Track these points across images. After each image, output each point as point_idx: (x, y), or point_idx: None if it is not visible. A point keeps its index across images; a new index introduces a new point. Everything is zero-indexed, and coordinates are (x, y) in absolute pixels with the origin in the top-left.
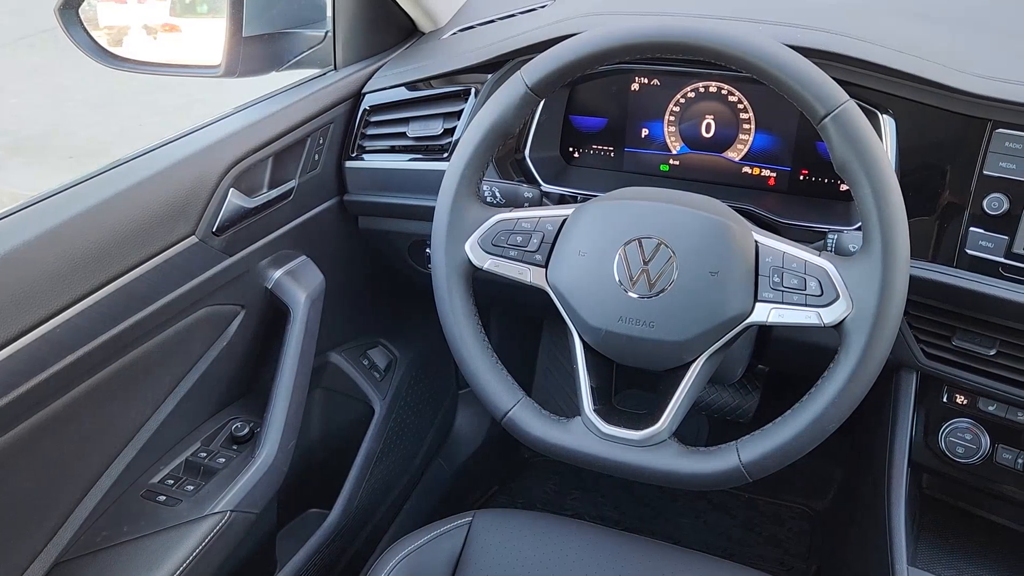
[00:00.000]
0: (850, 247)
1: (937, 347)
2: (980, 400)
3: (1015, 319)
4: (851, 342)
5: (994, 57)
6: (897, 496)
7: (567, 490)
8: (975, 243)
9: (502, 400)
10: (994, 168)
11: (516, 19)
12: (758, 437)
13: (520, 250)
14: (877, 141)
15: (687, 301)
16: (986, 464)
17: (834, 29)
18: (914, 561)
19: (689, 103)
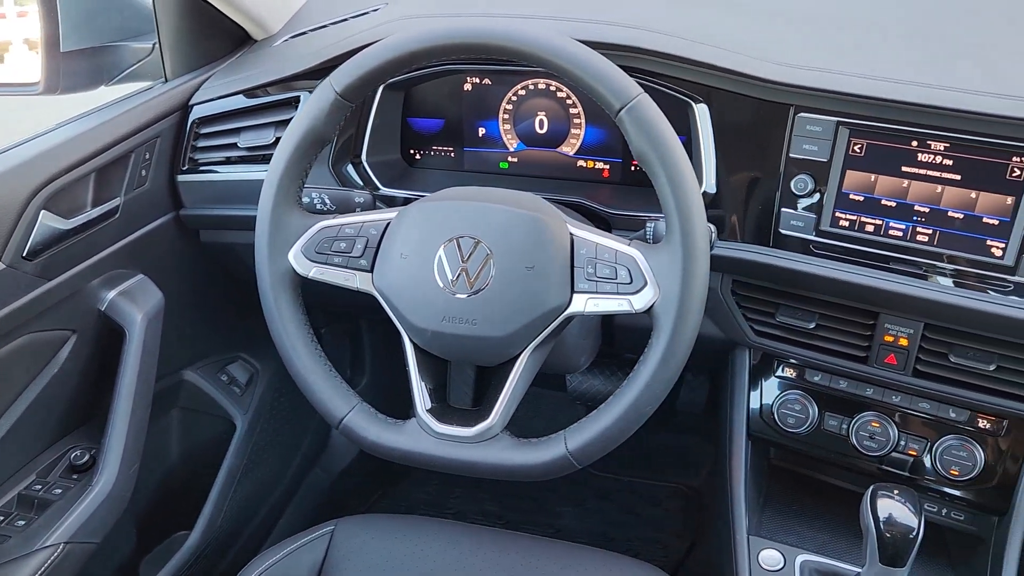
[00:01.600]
0: (664, 234)
1: (764, 324)
2: (807, 372)
3: (829, 293)
4: (660, 326)
5: (797, 45)
6: (737, 469)
7: (449, 490)
8: (787, 223)
9: (336, 407)
10: (798, 150)
11: (348, 23)
12: (583, 425)
13: (345, 256)
14: (671, 132)
15: (506, 297)
16: (816, 432)
17: (639, 24)
18: (758, 530)
19: (521, 101)
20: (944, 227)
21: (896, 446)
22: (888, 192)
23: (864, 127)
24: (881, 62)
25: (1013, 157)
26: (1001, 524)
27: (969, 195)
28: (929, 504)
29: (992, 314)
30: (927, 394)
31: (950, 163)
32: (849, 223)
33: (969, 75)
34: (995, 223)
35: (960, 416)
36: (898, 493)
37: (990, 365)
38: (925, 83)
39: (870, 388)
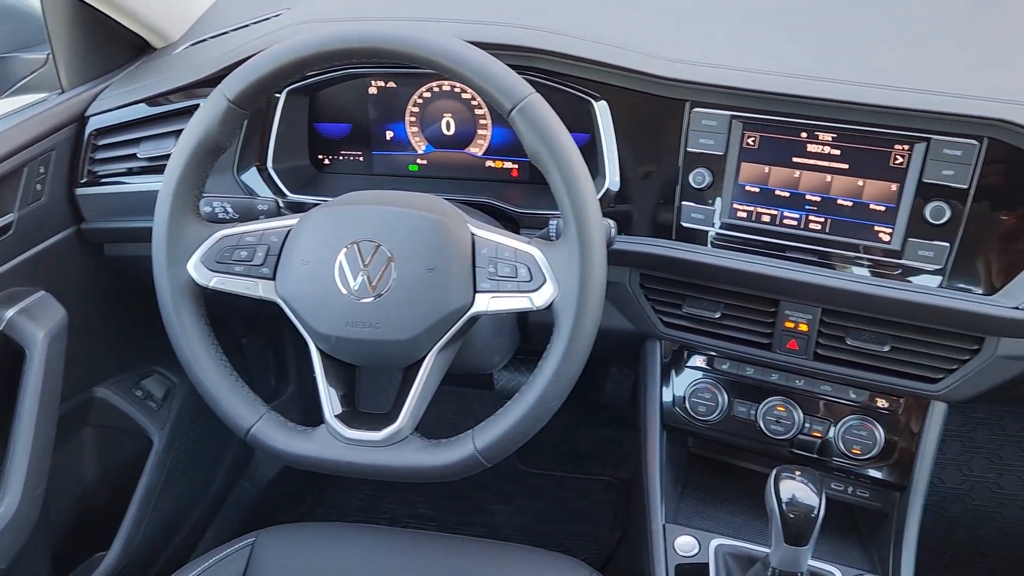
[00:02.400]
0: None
1: (672, 315)
2: (716, 360)
3: (731, 283)
4: (561, 323)
5: (695, 41)
6: (652, 459)
7: (381, 495)
8: (688, 216)
9: (243, 417)
10: (695, 145)
11: (249, 29)
12: (490, 423)
13: (246, 265)
14: (563, 131)
15: (408, 299)
16: (727, 419)
17: (540, 25)
18: (675, 517)
19: (427, 103)
20: (835, 215)
21: (801, 429)
22: (781, 183)
23: (756, 120)
24: (774, 56)
25: (895, 145)
26: (902, 499)
27: (857, 183)
28: (836, 483)
29: (883, 297)
30: (828, 377)
31: (838, 153)
32: (747, 214)
33: (855, 67)
34: (882, 209)
35: (860, 397)
36: (800, 474)
37: (884, 346)
38: (813, 76)
39: (775, 374)
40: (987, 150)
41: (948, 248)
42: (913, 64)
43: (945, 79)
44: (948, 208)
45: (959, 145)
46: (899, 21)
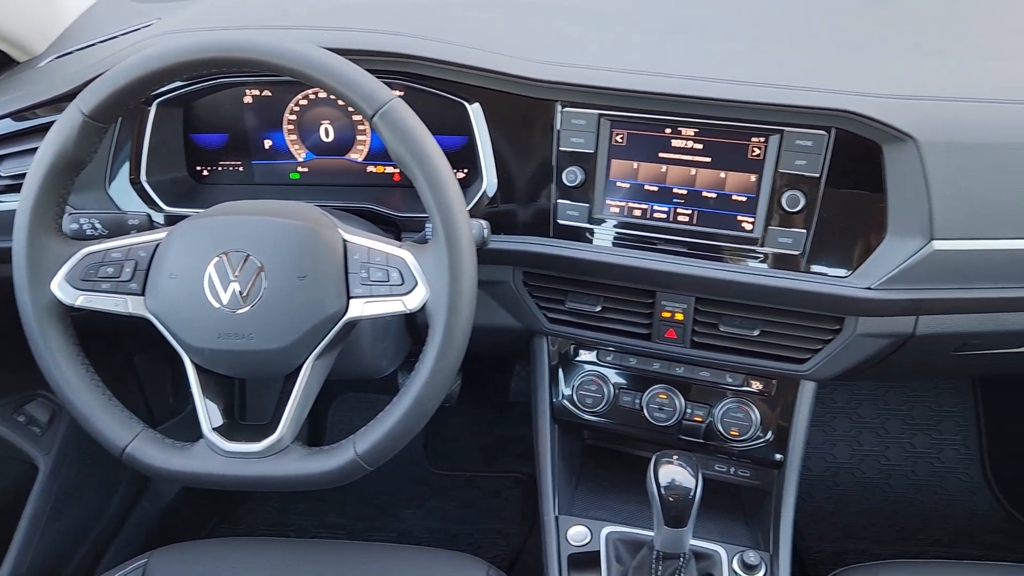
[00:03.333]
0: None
1: (556, 311)
2: (600, 353)
3: (609, 277)
4: (434, 324)
5: (567, 41)
6: (544, 453)
7: (290, 506)
8: (564, 213)
9: (117, 436)
10: (567, 144)
11: (116, 40)
12: (371, 427)
13: (113, 281)
14: (426, 134)
15: (280, 308)
16: (613, 409)
17: (404, 29)
18: (570, 509)
19: (304, 110)
20: (701, 207)
21: (684, 414)
22: (649, 178)
23: (623, 118)
24: (642, 56)
25: (752, 138)
26: (779, 476)
27: (719, 175)
28: (719, 465)
29: (748, 284)
30: (705, 363)
31: (700, 147)
32: (619, 209)
33: (716, 65)
34: (743, 199)
35: (736, 381)
36: (677, 459)
37: (755, 331)
38: (674, 74)
39: (656, 363)
40: (835, 140)
41: (805, 234)
42: (769, 60)
43: (797, 74)
44: (803, 196)
45: (810, 136)
46: (761, 19)
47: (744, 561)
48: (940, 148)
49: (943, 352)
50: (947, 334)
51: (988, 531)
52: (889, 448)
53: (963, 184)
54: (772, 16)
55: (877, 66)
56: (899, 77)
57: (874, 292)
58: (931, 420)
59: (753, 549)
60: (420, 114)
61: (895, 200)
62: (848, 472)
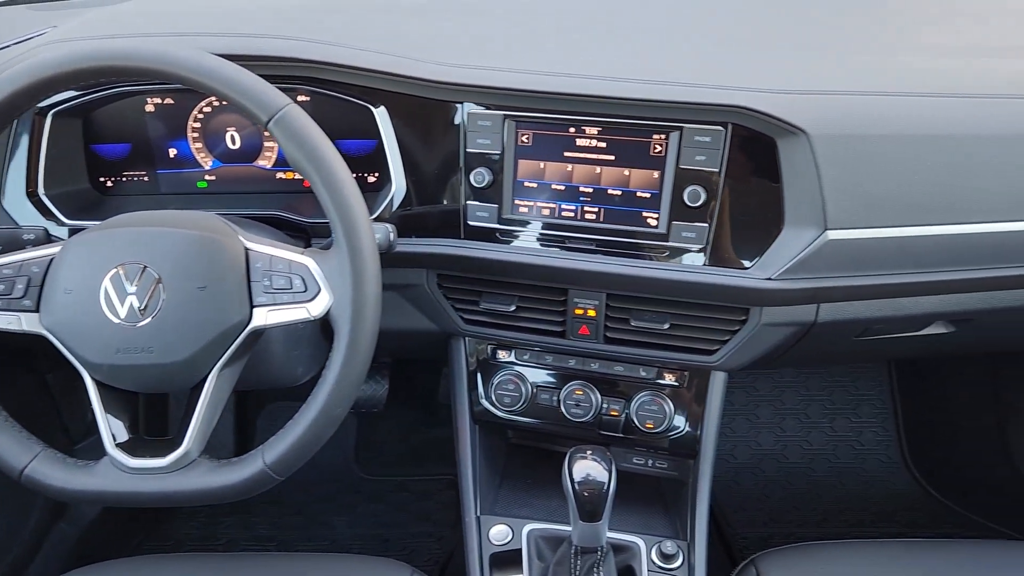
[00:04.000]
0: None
1: (471, 312)
2: (516, 352)
3: (521, 276)
4: (339, 330)
5: (470, 42)
6: (464, 454)
7: (217, 520)
8: (474, 215)
9: (15, 458)
10: (473, 145)
11: (8, 49)
12: (279, 437)
13: (5, 299)
14: (322, 139)
15: (180, 320)
16: (531, 407)
17: (310, 35)
18: (492, 508)
19: (208, 118)
20: (607, 204)
21: (600, 410)
22: (556, 177)
23: (528, 119)
24: (548, 56)
25: (653, 135)
26: (695, 466)
27: (623, 173)
28: (637, 457)
29: (655, 279)
30: (619, 358)
31: (604, 145)
32: (528, 209)
33: (618, 63)
34: (647, 196)
35: (649, 374)
36: (591, 454)
37: (664, 324)
38: (574, 74)
39: (572, 360)
40: (732, 135)
41: (707, 228)
42: (669, 58)
43: (695, 71)
44: (703, 191)
45: (708, 132)
46: (664, 18)
47: (662, 551)
48: (830, 141)
49: (846, 338)
50: (848, 320)
51: (907, 510)
52: (811, 433)
53: (853, 175)
54: (675, 15)
55: (772, 62)
56: (792, 72)
57: (774, 283)
58: (850, 404)
59: (671, 539)
60: (327, 119)
61: (790, 192)
62: (773, 458)
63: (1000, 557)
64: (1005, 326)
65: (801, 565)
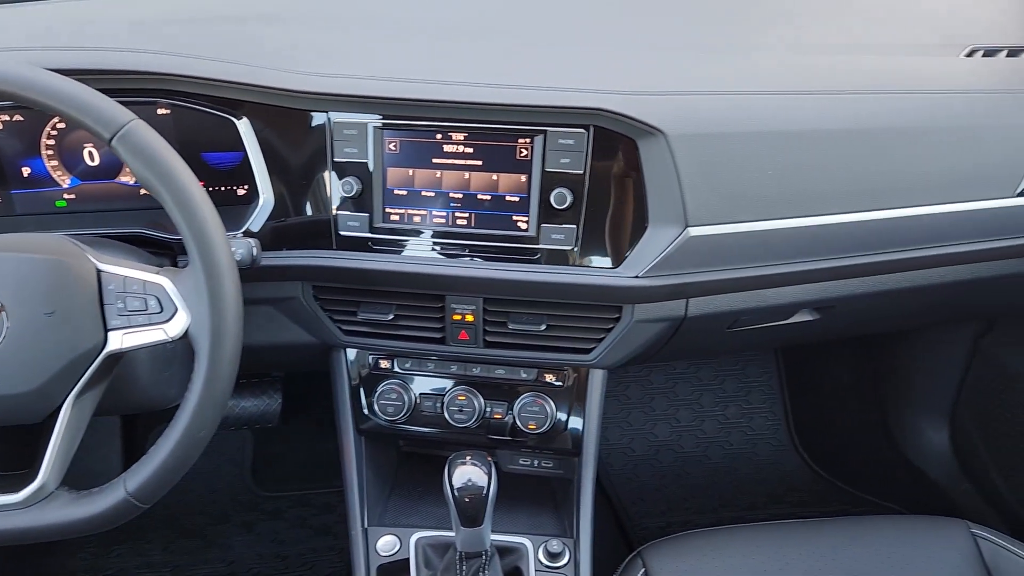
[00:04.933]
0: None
1: (349, 323)
2: (398, 361)
3: (397, 285)
4: (199, 350)
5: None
6: (348, 466)
7: (109, 549)
8: (345, 224)
9: None
10: (341, 154)
11: None
12: (142, 463)
13: None
14: (170, 155)
15: (26, 349)
16: (415, 415)
17: (146, 46)
18: (381, 519)
19: (63, 134)
20: (477, 209)
21: (484, 414)
22: (426, 184)
23: (393, 126)
24: (417, 62)
25: (519, 139)
26: (579, 463)
27: (492, 178)
28: (524, 458)
29: (529, 281)
30: (500, 361)
31: (471, 151)
32: (399, 217)
33: (483, 69)
34: (516, 200)
35: (530, 376)
36: (471, 458)
37: (541, 326)
38: (434, 80)
39: (454, 365)
40: (594, 137)
41: (575, 230)
42: (534, 62)
43: (557, 75)
44: (570, 193)
45: (571, 135)
46: (531, 21)
47: (548, 550)
48: (687, 140)
49: (718, 330)
50: (716, 313)
51: (797, 490)
52: (705, 422)
53: (709, 173)
54: (540, 19)
55: (631, 64)
56: (650, 74)
57: (642, 280)
58: (741, 391)
59: (557, 537)
60: (190, 132)
61: (653, 192)
62: (669, 448)
63: (879, 530)
64: (865, 311)
65: (685, 553)
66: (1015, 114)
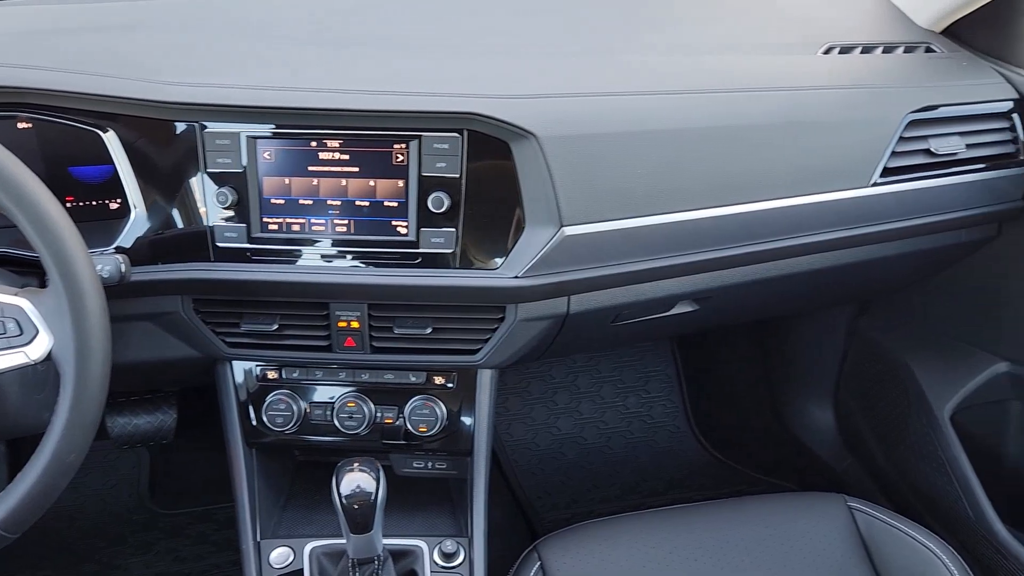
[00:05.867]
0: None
1: (233, 335)
2: (285, 371)
3: (278, 294)
4: (64, 372)
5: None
6: (238, 480)
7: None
8: (222, 235)
9: None
10: (214, 165)
11: None
12: (7, 492)
13: None
14: (20, 171)
15: None
16: (305, 424)
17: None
18: (275, 531)
19: None
20: (356, 216)
21: (374, 419)
22: (303, 192)
23: (266, 135)
24: (283, 68)
25: (394, 145)
26: (470, 463)
27: (369, 184)
28: (417, 461)
29: (411, 286)
30: (388, 366)
31: (347, 158)
32: (278, 226)
33: (358, 73)
34: (395, 205)
35: (419, 379)
36: (358, 465)
37: (427, 329)
38: (310, 87)
39: (343, 372)
40: (469, 141)
41: (454, 233)
42: (408, 67)
43: (431, 79)
44: (447, 197)
45: (445, 139)
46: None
47: (443, 551)
48: (557, 142)
49: (603, 324)
50: (598, 309)
51: (697, 475)
52: (606, 413)
53: (581, 173)
54: (414, 23)
55: (504, 67)
56: (523, 77)
57: (522, 280)
58: (640, 381)
59: (451, 537)
60: (55, 146)
61: (528, 193)
62: (572, 441)
63: (763, 509)
64: (741, 300)
65: (579, 544)
66: (868, 108)
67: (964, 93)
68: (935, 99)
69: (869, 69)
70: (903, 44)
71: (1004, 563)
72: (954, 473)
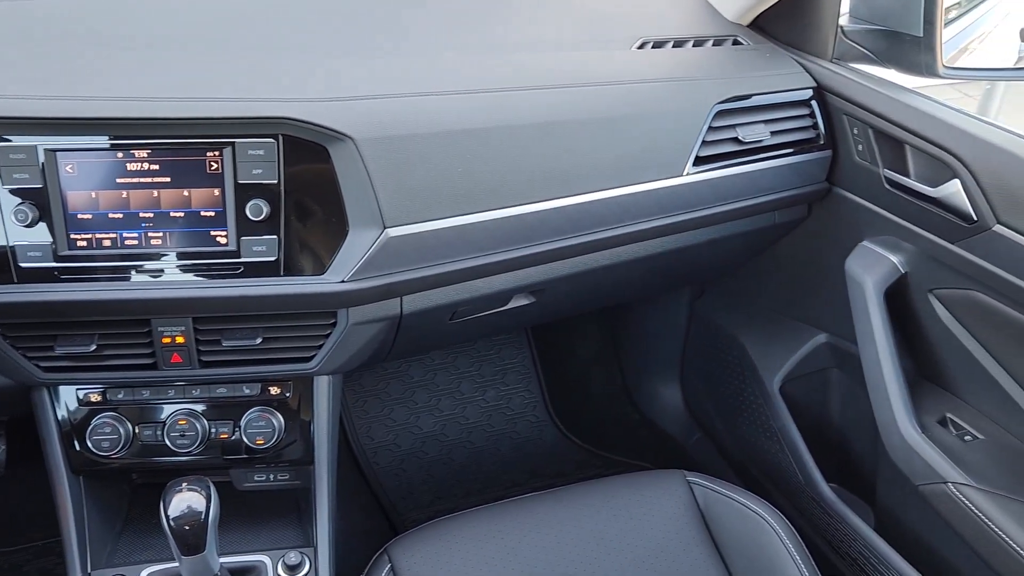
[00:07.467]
0: None
1: (47, 359)
2: (109, 392)
3: (93, 314)
4: None
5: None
6: (63, 511)
7: None
8: (24, 255)
9: None
10: (10, 180)
11: None
12: None
13: None
14: None
15: None
16: (134, 447)
17: None
18: (110, 560)
19: None
20: (171, 228)
21: (208, 436)
22: (112, 205)
23: (66, 148)
24: (84, 76)
25: (207, 152)
26: (313, 472)
27: (183, 194)
28: (259, 474)
29: (235, 297)
30: (220, 380)
31: (157, 168)
32: (87, 242)
33: (164, 79)
34: (212, 215)
35: (253, 391)
36: (187, 484)
37: (256, 339)
38: (109, 96)
39: (171, 390)
40: (284, 146)
41: (276, 240)
42: (219, 72)
43: (244, 84)
44: (266, 204)
45: (260, 145)
46: (218, 28)
47: (286, 563)
48: (375, 144)
49: (441, 322)
50: (433, 308)
51: (558, 461)
52: (467, 408)
53: (400, 174)
54: (227, 26)
55: (320, 70)
56: (338, 79)
57: (349, 284)
58: (498, 374)
59: (296, 548)
60: None
61: (349, 196)
62: (434, 439)
63: (610, 489)
64: (576, 290)
65: (430, 543)
66: (678, 100)
67: (767, 83)
68: (740, 89)
69: (680, 62)
70: (712, 37)
71: (830, 520)
72: (784, 441)
